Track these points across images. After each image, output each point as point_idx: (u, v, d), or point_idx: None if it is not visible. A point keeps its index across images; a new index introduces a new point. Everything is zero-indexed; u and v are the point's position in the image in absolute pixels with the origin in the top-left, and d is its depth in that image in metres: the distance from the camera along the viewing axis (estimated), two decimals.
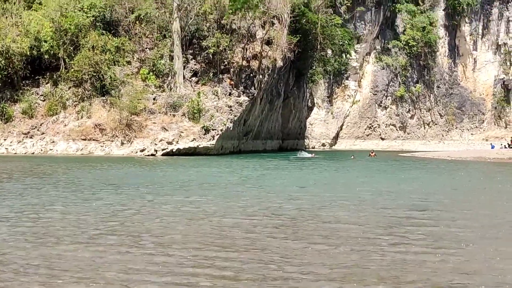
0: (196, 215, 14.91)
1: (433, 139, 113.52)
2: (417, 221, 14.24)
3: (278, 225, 13.41)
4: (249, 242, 11.24)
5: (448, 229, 12.92)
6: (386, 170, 36.67)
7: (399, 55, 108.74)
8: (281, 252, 10.41)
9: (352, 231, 12.63)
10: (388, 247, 10.92)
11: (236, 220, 14.10)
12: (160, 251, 10.57)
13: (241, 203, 17.50)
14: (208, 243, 11.17)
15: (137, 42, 63.01)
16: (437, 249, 10.79)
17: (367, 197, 19.42)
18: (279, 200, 18.20)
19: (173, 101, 57.55)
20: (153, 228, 12.86)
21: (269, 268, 9.22)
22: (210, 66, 62.70)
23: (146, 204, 16.95)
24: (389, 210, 16.09)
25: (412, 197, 19.33)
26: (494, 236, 12.35)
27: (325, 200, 18.24)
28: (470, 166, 41.44)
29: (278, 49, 66.01)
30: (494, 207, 17.24)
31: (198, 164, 38.64)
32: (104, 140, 55.31)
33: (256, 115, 66.45)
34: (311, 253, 10.37)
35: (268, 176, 28.95)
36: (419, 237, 11.96)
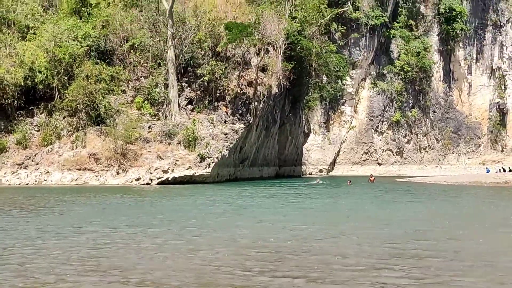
0: (181, 249, 14.38)
1: (430, 163, 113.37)
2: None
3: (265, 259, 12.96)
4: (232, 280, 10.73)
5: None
6: (383, 196, 36.30)
7: (394, 80, 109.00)
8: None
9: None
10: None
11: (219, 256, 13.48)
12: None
13: (230, 234, 17.07)
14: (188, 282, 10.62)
15: (131, 70, 62.95)
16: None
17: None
18: (273, 231, 17.78)
19: (168, 129, 57.29)
20: (132, 264, 12.18)
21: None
22: (205, 93, 62.58)
23: (132, 237, 16.34)
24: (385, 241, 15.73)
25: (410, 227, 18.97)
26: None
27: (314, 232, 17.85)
28: (466, 191, 41.09)
29: (273, 76, 66.03)
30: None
31: (193, 193, 38.23)
32: (99, 169, 54.89)
33: (252, 142, 66.21)
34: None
35: (266, 204, 28.56)
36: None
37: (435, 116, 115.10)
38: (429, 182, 59.06)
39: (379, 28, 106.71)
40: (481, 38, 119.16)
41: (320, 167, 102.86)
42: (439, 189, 43.33)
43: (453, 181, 57.56)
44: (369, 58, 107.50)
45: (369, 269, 11.00)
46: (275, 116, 72.38)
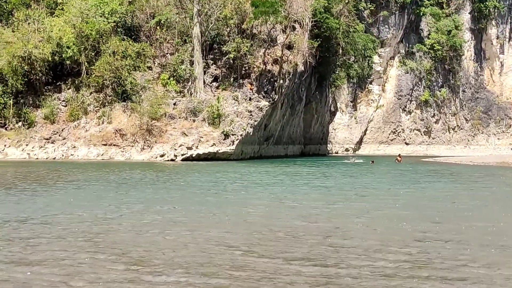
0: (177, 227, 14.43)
1: (459, 144, 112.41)
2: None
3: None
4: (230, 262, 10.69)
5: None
6: (404, 176, 36.09)
7: (424, 59, 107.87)
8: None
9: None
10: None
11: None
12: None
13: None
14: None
15: (158, 47, 63.24)
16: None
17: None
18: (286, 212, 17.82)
19: (193, 106, 57.54)
20: (119, 240, 12.17)
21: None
22: (231, 71, 62.65)
23: (134, 214, 16.22)
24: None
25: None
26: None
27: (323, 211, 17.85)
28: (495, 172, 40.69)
29: (299, 54, 65.72)
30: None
31: (214, 170, 38.45)
32: (124, 145, 55.47)
33: (277, 120, 66.20)
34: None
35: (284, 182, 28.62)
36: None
37: (465, 95, 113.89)
38: (454, 162, 58.56)
39: (409, 6, 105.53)
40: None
41: (346, 146, 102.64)
42: (463, 170, 42.92)
43: (479, 161, 56.98)
44: (398, 36, 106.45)
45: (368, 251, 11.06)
46: (300, 94, 72.18)
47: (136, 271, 9.41)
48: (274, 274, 9.04)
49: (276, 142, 68.98)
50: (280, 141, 70.20)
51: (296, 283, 8.58)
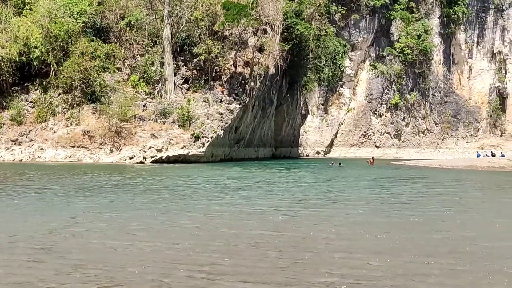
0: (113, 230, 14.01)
1: (428, 147, 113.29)
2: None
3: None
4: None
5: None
6: (364, 177, 36.11)
7: (394, 62, 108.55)
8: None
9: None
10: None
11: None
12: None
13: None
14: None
15: (127, 48, 62.66)
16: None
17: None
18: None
19: (163, 108, 57.09)
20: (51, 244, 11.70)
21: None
22: (202, 73, 62.33)
23: (79, 219, 15.64)
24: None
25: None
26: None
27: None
28: (462, 176, 40.97)
29: (270, 57, 65.60)
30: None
31: (179, 174, 38.10)
32: (93, 147, 54.81)
33: (248, 122, 65.99)
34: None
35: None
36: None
37: (434, 99, 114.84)
38: (423, 165, 58.92)
39: (379, 10, 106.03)
40: (482, 21, 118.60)
41: (317, 149, 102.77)
42: (432, 174, 43.21)
43: (448, 164, 57.40)
44: (369, 40, 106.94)
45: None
46: (271, 97, 72.09)
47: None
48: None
49: (247, 145, 68.76)
50: (251, 143, 69.98)
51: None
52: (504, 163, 53.73)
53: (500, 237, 12.47)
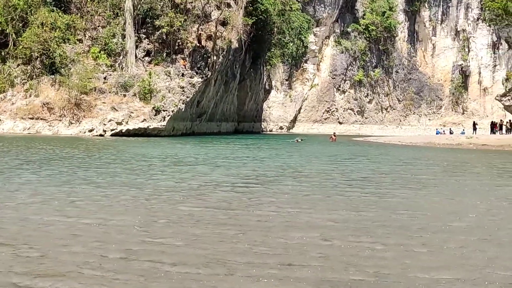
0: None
1: (391, 124, 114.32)
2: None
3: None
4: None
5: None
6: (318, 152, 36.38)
7: (359, 39, 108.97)
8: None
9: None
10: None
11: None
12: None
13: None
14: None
15: (89, 20, 61.81)
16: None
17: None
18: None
19: (124, 81, 56.60)
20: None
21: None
22: (164, 46, 61.80)
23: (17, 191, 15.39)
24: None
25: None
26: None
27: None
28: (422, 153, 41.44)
29: (233, 31, 65.37)
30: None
31: (135, 146, 37.93)
32: (52, 119, 54.20)
33: (210, 96, 65.81)
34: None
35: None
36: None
37: (398, 76, 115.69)
38: (384, 142, 59.50)
39: None
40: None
41: (280, 124, 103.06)
42: (390, 150, 43.65)
43: (407, 141, 58.04)
44: (333, 16, 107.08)
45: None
46: (234, 71, 71.91)
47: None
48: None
49: (209, 119, 68.62)
50: (213, 118, 69.86)
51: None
52: (462, 140, 54.47)
53: (434, 214, 12.69)
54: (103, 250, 8.67)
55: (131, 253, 8.53)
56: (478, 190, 17.18)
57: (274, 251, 8.76)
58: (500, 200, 14.85)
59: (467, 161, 31.70)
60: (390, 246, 9.19)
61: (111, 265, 7.88)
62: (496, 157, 36.12)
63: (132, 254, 8.45)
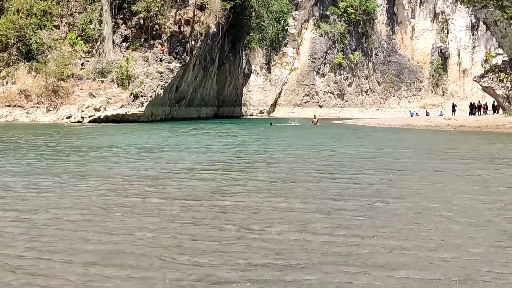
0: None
1: (371, 106, 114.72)
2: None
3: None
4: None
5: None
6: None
7: (338, 22, 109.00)
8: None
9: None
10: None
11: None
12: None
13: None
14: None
15: (65, 6, 61.26)
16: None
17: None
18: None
19: (102, 67, 56.33)
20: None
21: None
22: (141, 31, 61.47)
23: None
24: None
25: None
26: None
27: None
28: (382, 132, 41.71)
29: (211, 15, 65.16)
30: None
31: (110, 133, 37.88)
32: (29, 106, 53.89)
33: (189, 81, 65.66)
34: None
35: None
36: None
37: (377, 59, 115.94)
38: (362, 124, 59.87)
39: None
40: None
41: (261, 108, 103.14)
42: (363, 131, 43.93)
43: (386, 123, 58.43)
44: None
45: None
46: (213, 56, 71.73)
47: None
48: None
49: (188, 104, 68.50)
50: (192, 103, 69.74)
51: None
52: (440, 122, 54.88)
53: (391, 193, 12.87)
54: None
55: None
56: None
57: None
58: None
59: (447, 143, 32.00)
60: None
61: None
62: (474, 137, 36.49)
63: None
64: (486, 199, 12.08)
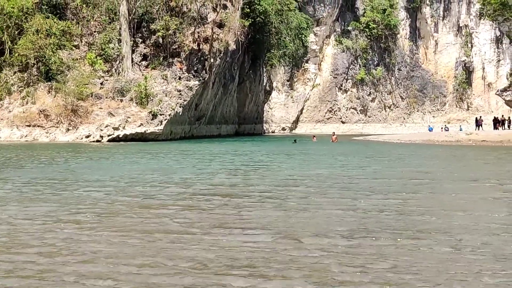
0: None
1: (395, 122, 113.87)
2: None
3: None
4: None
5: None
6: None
7: (360, 37, 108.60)
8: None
9: None
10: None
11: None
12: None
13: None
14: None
15: (85, 25, 61.63)
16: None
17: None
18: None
19: (121, 86, 56.39)
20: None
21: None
22: (160, 50, 61.58)
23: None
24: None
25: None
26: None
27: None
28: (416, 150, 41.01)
29: (230, 33, 65.07)
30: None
31: (124, 152, 37.67)
32: (49, 126, 54.03)
33: (208, 99, 65.51)
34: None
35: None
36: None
37: (401, 74, 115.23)
38: (383, 140, 59.13)
39: None
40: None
41: (283, 125, 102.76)
42: (385, 149, 43.28)
43: (406, 139, 57.64)
44: (333, 15, 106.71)
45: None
46: (233, 73, 71.58)
47: None
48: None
49: (208, 122, 68.30)
50: (212, 120, 69.53)
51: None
52: (461, 137, 54.05)
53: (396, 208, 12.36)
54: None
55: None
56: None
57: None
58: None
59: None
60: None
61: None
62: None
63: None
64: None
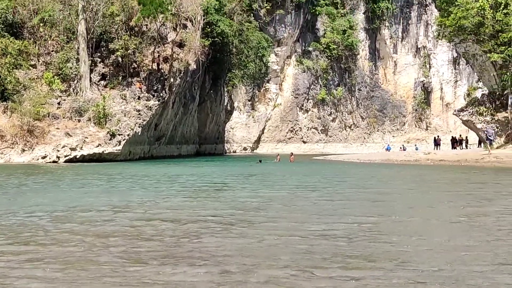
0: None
1: (355, 141, 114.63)
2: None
3: None
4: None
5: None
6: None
7: (320, 58, 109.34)
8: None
9: None
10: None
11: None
12: None
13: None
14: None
15: (42, 45, 60.82)
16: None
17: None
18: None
19: (79, 106, 55.62)
20: None
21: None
22: (119, 69, 61.06)
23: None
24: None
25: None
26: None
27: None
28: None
29: (191, 52, 64.84)
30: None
31: (72, 174, 37.00)
32: (4, 147, 52.80)
33: (168, 119, 65.02)
34: None
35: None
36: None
37: (361, 94, 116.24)
38: (342, 160, 59.30)
39: (304, 5, 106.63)
40: (406, 16, 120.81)
41: (244, 145, 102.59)
42: (343, 169, 43.35)
43: (365, 159, 57.89)
44: (294, 36, 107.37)
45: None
46: (193, 93, 71.25)
47: None
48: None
49: (168, 142, 67.73)
50: (172, 140, 68.97)
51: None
52: (420, 156, 54.46)
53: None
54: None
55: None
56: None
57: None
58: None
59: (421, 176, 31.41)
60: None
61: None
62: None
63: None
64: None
